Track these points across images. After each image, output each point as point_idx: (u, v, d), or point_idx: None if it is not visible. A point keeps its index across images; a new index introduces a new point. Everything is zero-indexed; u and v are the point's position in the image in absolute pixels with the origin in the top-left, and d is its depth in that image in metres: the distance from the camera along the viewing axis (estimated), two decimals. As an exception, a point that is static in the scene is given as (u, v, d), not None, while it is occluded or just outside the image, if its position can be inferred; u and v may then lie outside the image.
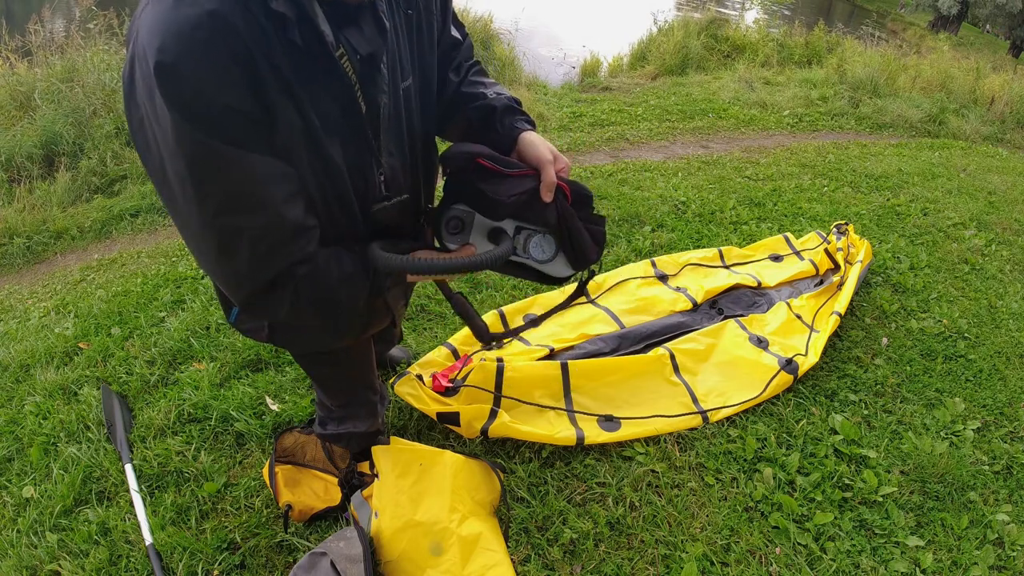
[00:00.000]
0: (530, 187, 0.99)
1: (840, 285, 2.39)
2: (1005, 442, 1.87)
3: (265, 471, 1.57)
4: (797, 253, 2.69)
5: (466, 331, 2.03)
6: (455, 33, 1.13)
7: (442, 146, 1.06)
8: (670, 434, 1.77)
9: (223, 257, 0.82)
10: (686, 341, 2.04)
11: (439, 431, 1.76)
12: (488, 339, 1.20)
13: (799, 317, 2.24)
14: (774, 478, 1.66)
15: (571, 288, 2.41)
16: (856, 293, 2.41)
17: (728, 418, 1.84)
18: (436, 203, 1.09)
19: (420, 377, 1.76)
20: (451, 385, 1.76)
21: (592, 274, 1.18)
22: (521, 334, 2.10)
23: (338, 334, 1.16)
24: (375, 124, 0.92)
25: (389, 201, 0.99)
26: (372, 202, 0.97)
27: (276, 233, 0.81)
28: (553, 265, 1.07)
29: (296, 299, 0.88)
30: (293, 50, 0.76)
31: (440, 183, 1.10)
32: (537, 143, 1.03)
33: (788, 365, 1.95)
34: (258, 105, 0.74)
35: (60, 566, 1.42)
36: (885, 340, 2.27)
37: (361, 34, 0.83)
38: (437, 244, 1.03)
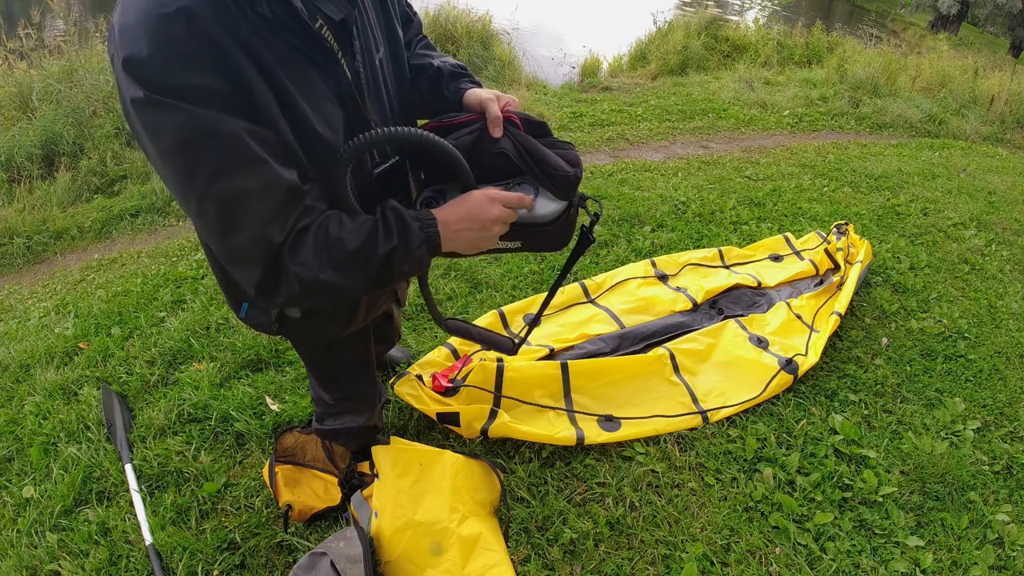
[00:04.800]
0: (476, 127, 1.00)
1: (840, 285, 2.39)
2: (1005, 442, 1.87)
3: (265, 471, 1.57)
4: (797, 253, 2.69)
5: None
6: (407, 10, 1.18)
7: None
8: (670, 434, 1.77)
9: (229, 227, 0.80)
10: (686, 341, 2.04)
11: (439, 431, 1.76)
12: (514, 350, 1.23)
13: (799, 317, 2.24)
14: (774, 478, 1.66)
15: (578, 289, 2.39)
16: (856, 293, 2.41)
17: (728, 418, 1.84)
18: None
19: (420, 377, 1.76)
20: (451, 385, 1.76)
21: (596, 217, 1.08)
22: (521, 333, 2.10)
23: (350, 317, 1.15)
24: (361, 92, 0.93)
25: (386, 163, 1.00)
26: (367, 171, 0.97)
27: (276, 190, 0.79)
28: (538, 204, 1.00)
29: (299, 252, 0.83)
30: (265, 24, 0.76)
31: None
32: (478, 91, 1.05)
33: (788, 365, 1.95)
34: (231, 86, 0.74)
35: (60, 566, 1.42)
36: (885, 340, 2.27)
37: (330, 0, 0.84)
38: None
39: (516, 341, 1.25)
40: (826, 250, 2.57)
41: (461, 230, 0.95)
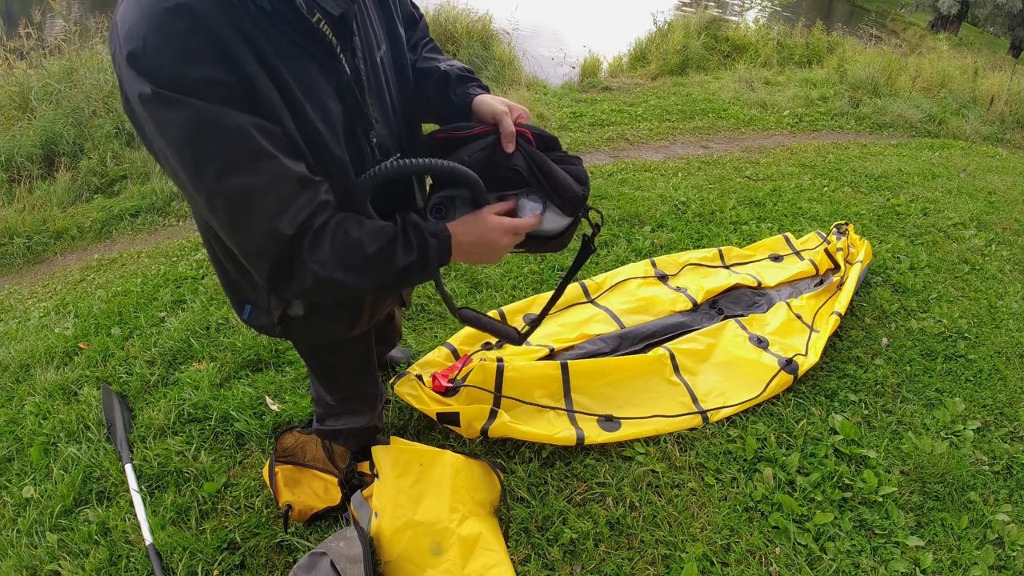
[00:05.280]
0: (489, 141, 1.01)
1: (840, 285, 2.39)
2: (1005, 442, 1.87)
3: (265, 471, 1.57)
4: (797, 253, 2.69)
5: (466, 331, 2.03)
6: (412, 11, 1.18)
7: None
8: (670, 434, 1.77)
9: (239, 223, 0.80)
10: (686, 341, 2.04)
11: (439, 431, 1.76)
12: (520, 340, 1.25)
13: (799, 317, 2.24)
14: (774, 478, 1.66)
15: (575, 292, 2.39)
16: (856, 293, 2.41)
17: (728, 418, 1.84)
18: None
19: (420, 377, 1.76)
20: (451, 385, 1.76)
21: (597, 228, 1.14)
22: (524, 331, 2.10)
23: (353, 319, 1.15)
24: (361, 89, 0.93)
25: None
26: (368, 167, 0.98)
27: (284, 185, 0.80)
28: (546, 219, 1.04)
29: (317, 250, 0.84)
30: (266, 18, 0.76)
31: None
32: (490, 100, 1.05)
33: (788, 365, 1.95)
34: (235, 78, 0.74)
35: (60, 566, 1.42)
36: (885, 340, 2.27)
37: None
38: None
39: (521, 332, 1.27)
40: (826, 250, 2.57)
41: (471, 252, 0.99)
